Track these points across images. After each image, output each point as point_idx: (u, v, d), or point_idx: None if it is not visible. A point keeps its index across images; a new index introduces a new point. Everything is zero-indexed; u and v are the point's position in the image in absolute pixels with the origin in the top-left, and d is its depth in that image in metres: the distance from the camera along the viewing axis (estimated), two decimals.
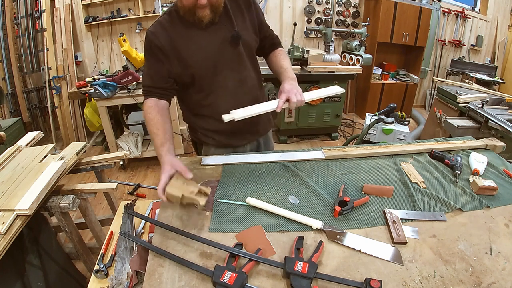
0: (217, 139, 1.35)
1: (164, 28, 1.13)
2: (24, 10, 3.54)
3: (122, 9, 3.84)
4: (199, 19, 1.08)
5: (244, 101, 1.26)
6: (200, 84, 1.22)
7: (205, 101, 1.26)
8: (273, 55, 1.39)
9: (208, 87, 1.22)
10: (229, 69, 1.21)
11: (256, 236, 0.85)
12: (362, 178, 1.13)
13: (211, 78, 1.20)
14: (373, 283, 0.69)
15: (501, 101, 2.77)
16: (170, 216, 0.93)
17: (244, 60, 1.24)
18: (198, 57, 1.15)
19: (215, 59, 1.17)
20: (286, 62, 1.32)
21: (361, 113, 4.54)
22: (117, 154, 1.62)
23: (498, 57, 5.14)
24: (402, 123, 2.74)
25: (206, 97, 1.25)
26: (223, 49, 1.17)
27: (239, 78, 1.24)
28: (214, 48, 1.16)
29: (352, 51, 3.82)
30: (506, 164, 1.26)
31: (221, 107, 1.23)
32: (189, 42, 1.14)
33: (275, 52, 1.38)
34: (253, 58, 1.30)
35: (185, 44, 1.14)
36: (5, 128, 2.55)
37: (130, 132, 3.20)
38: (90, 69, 4.03)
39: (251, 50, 1.26)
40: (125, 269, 0.98)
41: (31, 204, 1.07)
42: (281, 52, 1.38)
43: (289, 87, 1.16)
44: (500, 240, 0.86)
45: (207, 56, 1.16)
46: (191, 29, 1.13)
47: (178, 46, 1.13)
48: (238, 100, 1.25)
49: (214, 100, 1.25)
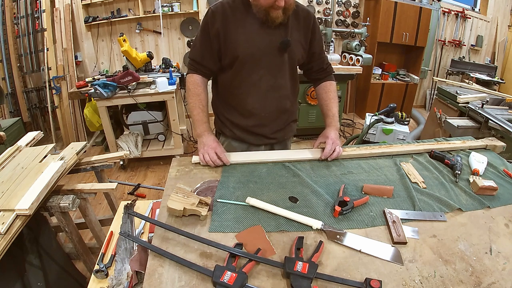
0: (236, 133, 1.37)
1: (225, 10, 1.16)
2: (24, 10, 3.53)
3: (122, 9, 3.84)
4: (272, 19, 1.11)
5: (271, 106, 1.30)
6: (237, 73, 1.24)
7: (236, 92, 1.29)
8: (324, 89, 1.38)
9: (243, 79, 1.25)
10: (267, 71, 1.23)
11: (256, 236, 0.85)
12: (362, 178, 1.13)
13: (248, 73, 1.23)
14: (373, 283, 0.69)
15: (501, 101, 2.77)
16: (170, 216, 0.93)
17: (285, 68, 1.26)
18: (245, 49, 1.18)
19: (258, 57, 1.20)
20: (335, 106, 1.34)
21: (361, 113, 4.54)
22: (117, 154, 1.62)
23: (498, 57, 5.14)
24: (402, 123, 2.74)
25: (237, 88, 1.28)
26: (269, 51, 1.19)
27: (273, 83, 1.26)
28: (262, 47, 1.18)
29: (352, 51, 3.82)
30: (506, 164, 1.26)
31: (248, 104, 1.29)
32: (241, 32, 1.17)
33: (326, 86, 1.38)
34: (294, 70, 1.31)
35: (239, 32, 1.17)
36: (5, 128, 2.55)
37: (130, 132, 3.20)
38: (90, 69, 4.03)
39: (295, 62, 1.28)
40: (125, 269, 0.98)
41: (31, 204, 1.07)
42: (331, 89, 1.37)
43: (335, 136, 1.25)
44: (500, 240, 0.86)
45: (252, 52, 1.18)
46: (249, 21, 1.16)
47: (230, 32, 1.17)
48: (266, 104, 1.29)
49: (244, 95, 1.28)
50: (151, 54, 3.23)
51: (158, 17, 3.84)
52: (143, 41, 4.07)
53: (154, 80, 2.92)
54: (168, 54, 4.14)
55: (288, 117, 1.40)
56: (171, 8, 3.82)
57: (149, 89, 2.87)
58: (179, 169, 1.17)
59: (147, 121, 3.17)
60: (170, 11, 3.82)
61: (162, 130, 3.26)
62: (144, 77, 2.96)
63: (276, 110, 1.32)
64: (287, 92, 1.32)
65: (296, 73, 1.33)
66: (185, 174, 1.14)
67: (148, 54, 3.19)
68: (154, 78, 2.95)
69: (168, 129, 3.24)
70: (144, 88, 2.89)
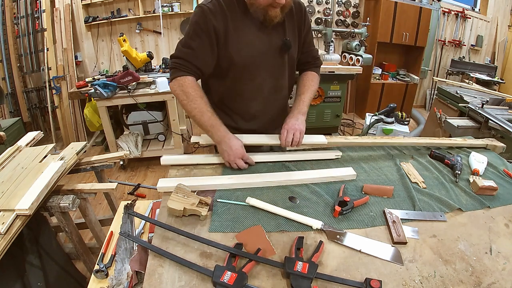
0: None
1: (222, 8, 1.06)
2: (24, 10, 3.53)
3: (122, 9, 3.84)
4: (270, 18, 1.05)
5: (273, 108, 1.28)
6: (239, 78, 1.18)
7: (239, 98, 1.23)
8: (302, 76, 1.33)
9: (246, 84, 1.20)
10: (269, 74, 1.20)
11: (256, 236, 0.85)
12: (362, 178, 1.13)
13: (251, 78, 1.18)
14: (373, 283, 0.69)
15: (501, 101, 2.77)
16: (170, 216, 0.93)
17: (285, 69, 1.23)
18: (245, 53, 1.12)
19: (259, 61, 1.15)
20: (307, 91, 1.26)
21: (361, 113, 4.54)
22: (117, 154, 1.62)
23: (498, 57, 5.14)
24: (402, 123, 2.75)
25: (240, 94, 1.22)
26: (270, 53, 1.16)
27: (275, 84, 1.23)
28: (263, 50, 1.14)
29: (352, 51, 3.82)
30: (506, 164, 1.26)
31: (252, 108, 1.25)
32: (242, 35, 1.10)
33: (306, 74, 1.33)
34: (292, 69, 1.27)
35: (237, 35, 1.09)
36: (5, 128, 2.55)
37: (130, 132, 3.20)
38: (90, 69, 4.03)
39: (294, 61, 1.25)
40: (125, 269, 0.98)
41: (31, 204, 1.07)
42: (310, 77, 1.31)
43: (292, 123, 1.16)
44: (500, 240, 0.86)
45: (253, 55, 1.13)
46: (247, 23, 1.09)
47: (230, 34, 1.08)
48: (268, 106, 1.27)
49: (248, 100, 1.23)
50: (151, 54, 3.23)
51: (158, 17, 3.84)
52: (143, 41, 4.08)
53: (154, 80, 2.92)
54: (168, 54, 4.12)
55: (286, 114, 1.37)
56: (171, 8, 3.82)
57: (149, 89, 2.87)
58: (179, 169, 1.17)
59: (147, 121, 3.17)
60: (170, 11, 3.82)
61: (162, 130, 3.26)
62: (144, 77, 2.96)
63: (277, 111, 1.31)
64: (286, 92, 1.31)
65: (294, 72, 1.31)
66: (185, 174, 1.14)
67: (148, 54, 3.19)
68: (154, 78, 2.95)
69: (168, 129, 3.24)
70: (144, 88, 2.89)
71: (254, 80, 1.19)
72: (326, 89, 3.48)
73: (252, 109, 1.26)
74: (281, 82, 1.25)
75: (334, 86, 3.51)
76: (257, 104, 1.25)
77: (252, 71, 1.17)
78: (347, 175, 1.12)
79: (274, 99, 1.27)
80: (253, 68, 1.16)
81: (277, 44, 1.15)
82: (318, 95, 3.46)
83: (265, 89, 1.23)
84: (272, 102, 1.27)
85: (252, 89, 1.22)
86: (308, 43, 1.28)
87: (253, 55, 1.14)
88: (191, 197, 0.92)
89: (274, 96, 1.26)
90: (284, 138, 1.15)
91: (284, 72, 1.24)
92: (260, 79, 1.20)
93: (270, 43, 1.15)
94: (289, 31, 1.18)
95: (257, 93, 1.23)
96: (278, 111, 1.32)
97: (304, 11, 1.20)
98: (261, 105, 1.26)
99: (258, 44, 1.13)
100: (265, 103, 1.26)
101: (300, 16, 1.20)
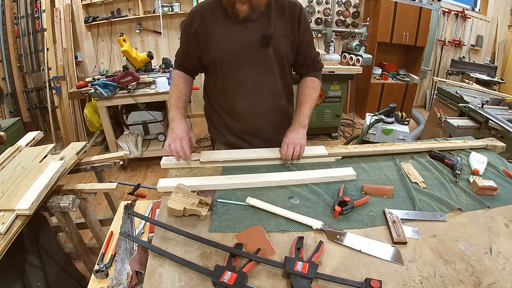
0: (228, 139, 1.36)
1: (204, 10, 1.17)
2: (24, 10, 3.54)
3: (122, 9, 3.84)
4: (236, 12, 1.10)
5: (260, 105, 1.27)
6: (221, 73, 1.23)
7: (224, 94, 1.28)
8: (302, 84, 1.32)
9: (228, 80, 1.23)
10: (252, 69, 1.20)
11: (256, 236, 0.85)
12: (362, 178, 1.13)
13: (232, 72, 1.21)
14: (373, 283, 0.69)
15: (501, 101, 2.77)
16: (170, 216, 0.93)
17: (272, 64, 1.21)
18: (225, 47, 1.16)
19: (240, 54, 1.17)
20: (307, 102, 1.26)
21: (361, 113, 4.54)
22: (117, 154, 1.62)
23: (498, 57, 5.14)
24: (402, 123, 2.75)
25: (224, 90, 1.27)
26: (251, 46, 1.16)
27: (260, 80, 1.22)
28: (243, 43, 1.16)
29: (352, 51, 3.82)
30: (506, 164, 1.26)
31: (237, 105, 1.26)
32: (221, 30, 1.16)
33: (306, 80, 1.31)
34: (283, 66, 1.25)
35: (217, 30, 1.16)
36: (5, 128, 2.55)
37: (130, 132, 3.20)
38: (90, 69, 4.04)
39: (282, 57, 1.22)
40: (125, 269, 0.98)
41: (31, 204, 1.07)
42: (309, 84, 1.29)
43: (292, 137, 1.19)
44: (500, 240, 0.86)
45: (233, 48, 1.17)
46: (229, 19, 1.15)
47: (209, 31, 1.16)
48: (255, 103, 1.26)
49: (232, 96, 1.26)
50: (151, 54, 3.23)
51: (158, 17, 3.84)
52: (143, 41, 4.08)
53: (154, 80, 2.93)
54: (168, 54, 4.14)
55: (284, 116, 1.36)
56: (171, 8, 3.82)
57: (149, 89, 2.88)
58: (179, 169, 1.17)
59: (147, 121, 3.17)
60: (170, 11, 3.82)
61: (162, 130, 3.26)
62: (144, 77, 2.96)
63: (268, 109, 1.29)
64: (277, 88, 1.27)
65: (286, 69, 1.28)
66: (185, 174, 1.14)
67: (148, 54, 3.19)
68: (154, 78, 2.95)
69: (168, 129, 3.24)
70: (144, 88, 2.89)
71: (236, 75, 1.21)
72: (326, 89, 3.48)
73: (237, 106, 1.26)
74: (267, 77, 1.23)
75: (334, 86, 3.51)
76: (242, 100, 1.25)
77: (233, 65, 1.19)
78: (347, 175, 1.12)
79: (260, 95, 1.25)
80: (233, 61, 1.19)
81: (258, 38, 1.15)
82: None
83: (249, 84, 1.22)
84: (259, 99, 1.25)
85: (235, 84, 1.23)
86: (306, 44, 1.26)
87: (232, 48, 1.16)
88: (191, 197, 0.92)
89: (260, 92, 1.24)
90: (284, 152, 1.17)
91: (270, 67, 1.22)
92: (241, 74, 1.20)
93: (250, 38, 1.15)
94: (277, 28, 1.17)
95: (240, 88, 1.23)
96: (270, 110, 1.29)
97: (299, 11, 1.20)
98: (246, 102, 1.25)
99: (238, 37, 1.16)
100: (250, 100, 1.25)
101: (293, 15, 1.19)
